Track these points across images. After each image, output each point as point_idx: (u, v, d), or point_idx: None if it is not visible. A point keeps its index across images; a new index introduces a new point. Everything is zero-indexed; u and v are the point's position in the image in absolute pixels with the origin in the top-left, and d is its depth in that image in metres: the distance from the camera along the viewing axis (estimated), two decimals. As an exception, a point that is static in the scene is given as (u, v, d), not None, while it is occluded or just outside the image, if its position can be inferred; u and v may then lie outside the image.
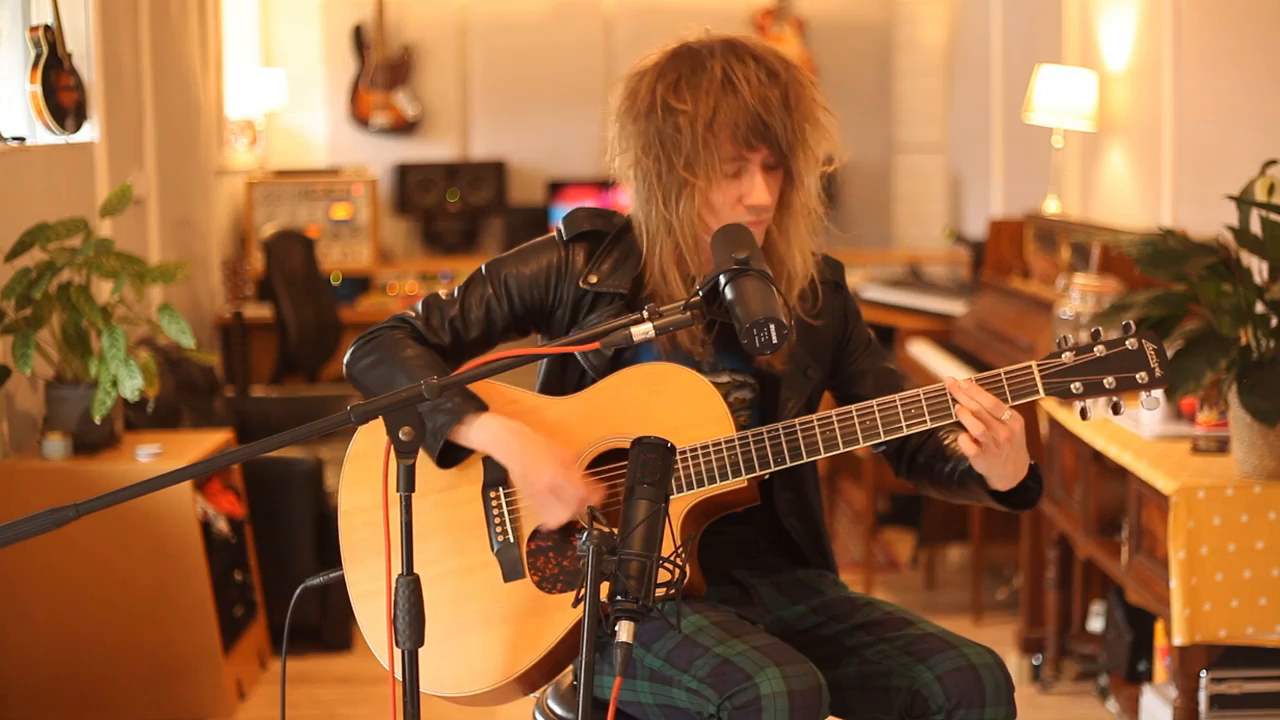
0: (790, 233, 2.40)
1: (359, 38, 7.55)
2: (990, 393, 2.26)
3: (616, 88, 2.42)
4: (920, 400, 2.27)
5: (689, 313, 2.18)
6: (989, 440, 2.23)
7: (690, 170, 2.31)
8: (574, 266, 2.45)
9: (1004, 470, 2.29)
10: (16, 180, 4.35)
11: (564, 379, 2.46)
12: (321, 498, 4.76)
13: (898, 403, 2.28)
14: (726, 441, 2.29)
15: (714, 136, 2.29)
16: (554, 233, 2.49)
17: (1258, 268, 3.28)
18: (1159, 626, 3.92)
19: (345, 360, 2.46)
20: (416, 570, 2.13)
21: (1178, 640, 3.34)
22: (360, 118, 7.57)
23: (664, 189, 2.35)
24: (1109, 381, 2.25)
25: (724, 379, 2.43)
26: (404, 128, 7.60)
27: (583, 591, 2.02)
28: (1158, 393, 2.26)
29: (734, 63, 2.31)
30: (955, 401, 2.25)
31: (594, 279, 2.43)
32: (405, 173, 7.50)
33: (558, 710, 2.47)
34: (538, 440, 2.30)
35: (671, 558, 2.08)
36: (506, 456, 2.31)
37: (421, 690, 2.16)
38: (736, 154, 2.31)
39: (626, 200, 2.45)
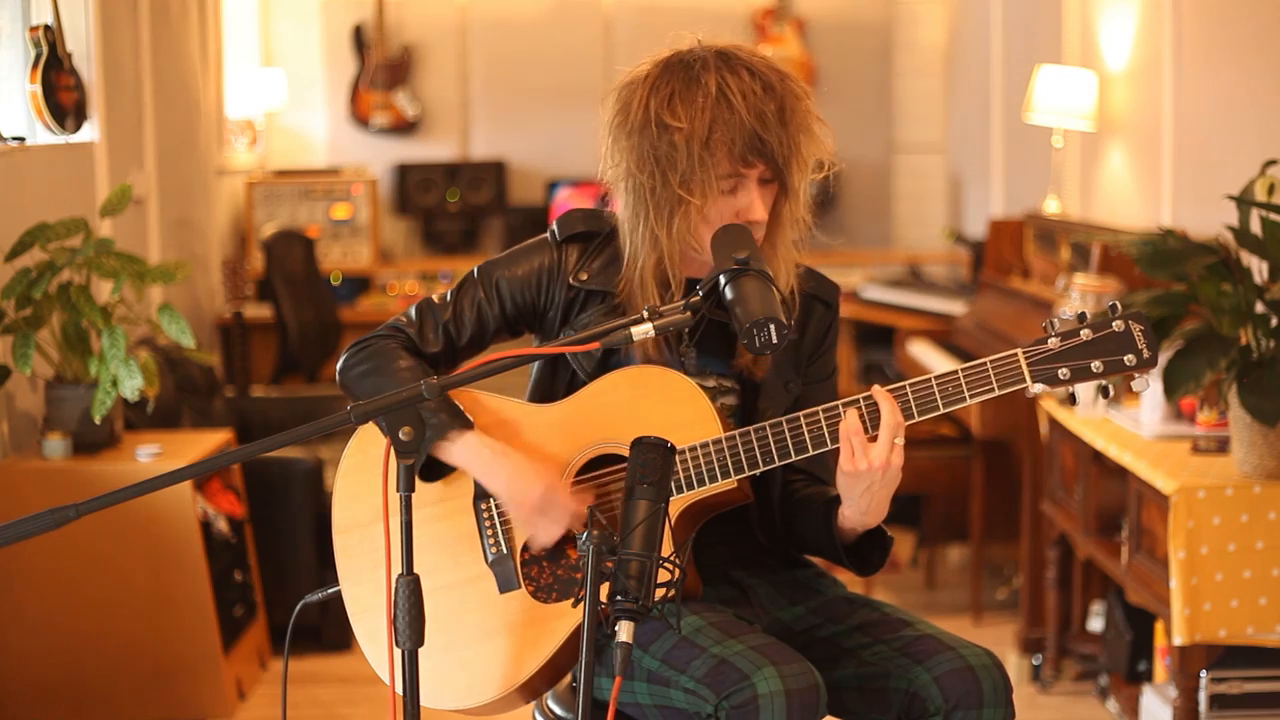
0: (778, 243, 2.37)
1: (359, 38, 7.54)
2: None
3: (608, 99, 2.38)
4: (907, 393, 2.25)
5: (689, 313, 2.18)
6: (862, 454, 2.20)
7: (686, 189, 2.28)
8: (566, 266, 2.44)
9: (860, 499, 2.25)
10: (16, 180, 4.35)
11: (555, 379, 2.46)
12: (321, 498, 4.76)
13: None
14: (715, 442, 2.28)
15: (710, 155, 2.27)
16: (547, 234, 2.49)
17: (1258, 268, 3.28)
18: (1159, 626, 3.92)
19: (339, 366, 2.45)
20: (412, 585, 2.14)
21: (1178, 640, 3.34)
22: (360, 118, 7.57)
23: (657, 205, 2.32)
24: (1096, 366, 2.22)
25: (710, 383, 2.42)
26: (404, 128, 7.60)
27: (582, 592, 2.02)
28: (1148, 375, 2.23)
29: (728, 76, 2.28)
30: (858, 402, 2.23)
31: (584, 276, 2.43)
32: (405, 173, 7.50)
33: (557, 710, 2.48)
34: (520, 459, 2.31)
35: (671, 558, 2.08)
36: (488, 476, 2.31)
37: (423, 704, 2.16)
38: (733, 171, 2.29)
39: (617, 210, 2.42)
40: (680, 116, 2.28)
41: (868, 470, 2.21)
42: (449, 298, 2.47)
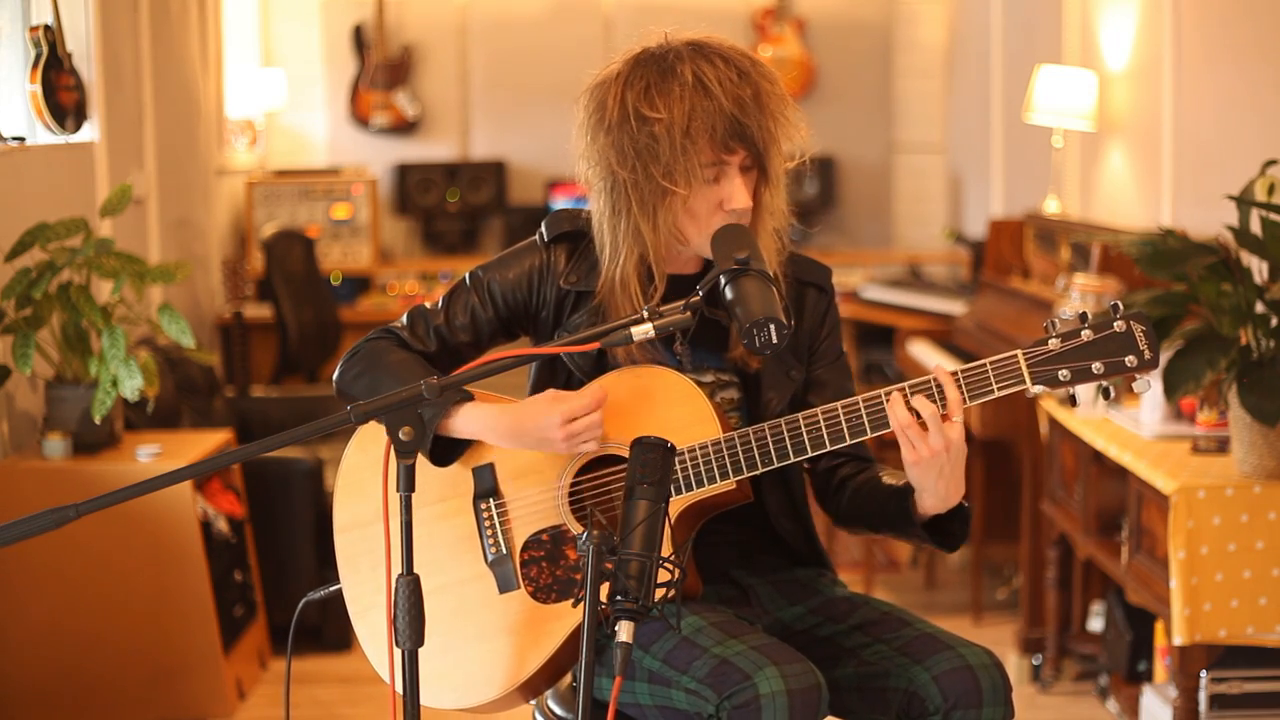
0: (760, 231, 2.37)
1: (359, 38, 7.55)
2: (963, 390, 2.21)
3: (580, 100, 2.38)
4: (906, 393, 2.25)
5: (689, 313, 2.18)
6: (922, 443, 2.19)
7: (670, 179, 2.28)
8: (555, 267, 2.44)
9: (936, 485, 2.23)
10: (16, 180, 4.35)
11: (553, 380, 2.45)
12: (321, 498, 4.76)
13: (883, 396, 2.26)
14: (714, 443, 2.28)
15: (692, 143, 2.26)
16: (535, 236, 2.49)
17: (1258, 268, 3.29)
18: (1159, 626, 3.92)
19: (334, 378, 2.45)
20: (412, 584, 2.13)
21: (1178, 640, 3.34)
22: (360, 118, 7.58)
23: (640, 200, 2.31)
24: (1097, 367, 2.21)
25: (709, 379, 2.42)
26: (404, 128, 7.60)
27: (582, 592, 2.02)
28: (1149, 377, 2.22)
29: (703, 65, 2.29)
30: (887, 395, 2.21)
31: (574, 279, 2.43)
32: (405, 173, 7.50)
33: (557, 710, 2.48)
34: (524, 407, 2.30)
35: (671, 558, 2.08)
36: (503, 433, 2.30)
37: (424, 704, 2.16)
38: (715, 158, 2.29)
39: (593, 210, 2.41)
40: (659, 107, 2.28)
41: (931, 456, 2.20)
42: (440, 304, 2.47)
